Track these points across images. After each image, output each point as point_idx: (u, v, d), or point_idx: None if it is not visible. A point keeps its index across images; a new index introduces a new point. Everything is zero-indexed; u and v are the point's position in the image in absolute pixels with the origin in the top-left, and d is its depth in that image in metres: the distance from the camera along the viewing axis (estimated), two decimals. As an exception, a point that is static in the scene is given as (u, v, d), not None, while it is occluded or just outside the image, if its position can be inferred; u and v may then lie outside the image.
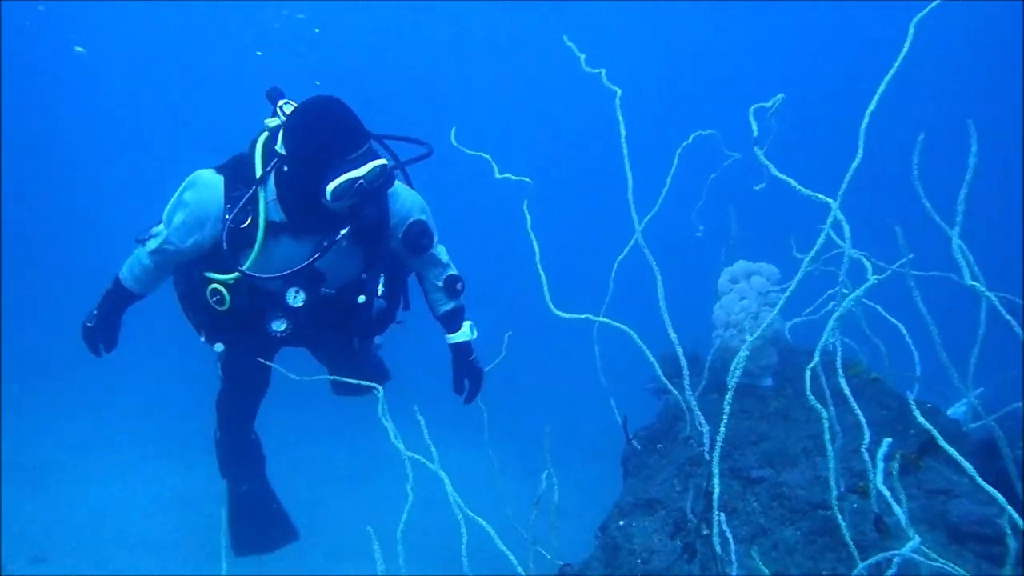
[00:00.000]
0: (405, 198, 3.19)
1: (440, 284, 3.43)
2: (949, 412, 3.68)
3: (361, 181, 2.68)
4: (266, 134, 2.94)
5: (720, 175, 3.92)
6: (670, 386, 3.18)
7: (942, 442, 2.18)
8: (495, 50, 21.26)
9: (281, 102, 2.95)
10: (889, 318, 3.58)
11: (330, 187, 2.65)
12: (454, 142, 3.66)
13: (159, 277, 3.18)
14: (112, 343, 3.33)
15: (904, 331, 3.55)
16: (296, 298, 3.01)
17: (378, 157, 2.77)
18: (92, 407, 8.37)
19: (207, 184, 2.90)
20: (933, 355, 3.19)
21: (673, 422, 3.75)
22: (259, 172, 2.84)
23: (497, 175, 3.56)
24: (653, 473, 3.33)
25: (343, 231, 2.81)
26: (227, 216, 2.80)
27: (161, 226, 3.00)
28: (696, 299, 4.27)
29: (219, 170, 2.94)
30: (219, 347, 3.27)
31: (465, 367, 3.47)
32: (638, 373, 4.01)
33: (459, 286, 3.44)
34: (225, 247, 2.80)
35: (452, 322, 3.46)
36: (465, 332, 3.45)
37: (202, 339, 3.24)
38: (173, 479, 6.89)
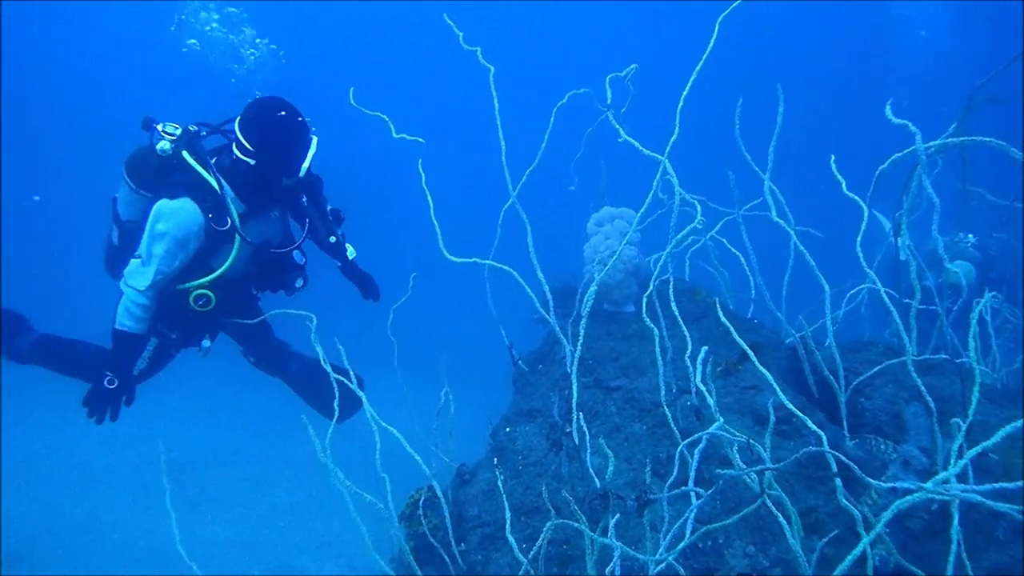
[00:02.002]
0: None
1: (329, 217, 3.74)
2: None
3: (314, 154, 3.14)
4: (187, 153, 3.18)
5: (593, 132, 4.39)
6: (547, 316, 3.69)
7: (749, 352, 2.71)
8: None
9: (158, 126, 3.22)
10: (732, 250, 4.18)
11: (304, 166, 3.11)
12: (352, 102, 4.01)
13: (152, 310, 3.21)
14: (132, 397, 3.34)
15: (743, 261, 4.16)
16: (299, 256, 3.45)
17: (312, 133, 3.17)
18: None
19: (179, 209, 3.09)
20: (777, 282, 3.78)
21: (553, 346, 4.28)
22: (216, 184, 3.14)
23: (394, 135, 3.94)
24: (534, 388, 3.86)
25: (303, 198, 3.31)
26: (213, 225, 3.11)
27: (139, 265, 3.12)
28: (573, 241, 4.80)
29: (173, 196, 3.12)
30: (206, 343, 3.53)
31: (360, 276, 3.83)
32: (526, 307, 4.52)
33: (341, 215, 3.77)
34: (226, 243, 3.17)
35: (339, 249, 3.75)
36: (352, 251, 3.79)
37: (199, 347, 3.52)
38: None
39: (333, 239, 3.69)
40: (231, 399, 8.37)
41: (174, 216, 3.09)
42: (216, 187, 3.14)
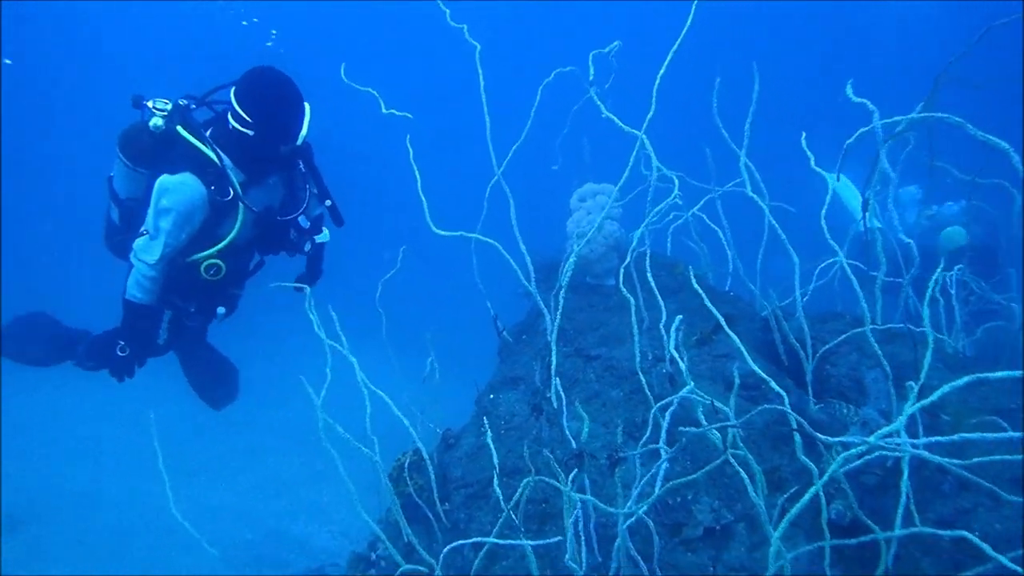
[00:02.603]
0: None
1: (315, 191, 3.77)
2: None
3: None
4: (182, 127, 3.24)
5: (578, 110, 4.49)
6: (531, 288, 3.81)
7: (722, 322, 2.83)
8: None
9: (148, 103, 3.28)
10: (712, 225, 4.31)
11: (302, 134, 3.19)
12: (344, 78, 4.10)
13: (160, 283, 3.32)
14: (144, 360, 3.50)
15: (722, 237, 4.29)
16: (304, 220, 3.56)
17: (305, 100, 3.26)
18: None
19: (182, 183, 3.16)
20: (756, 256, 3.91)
21: (536, 317, 4.40)
22: (212, 155, 3.20)
23: (384, 110, 4.04)
24: (518, 358, 3.99)
25: (300, 164, 3.43)
26: (217, 197, 3.18)
27: (146, 240, 3.19)
28: (558, 216, 4.91)
29: (173, 171, 3.19)
30: (221, 310, 3.61)
31: (316, 265, 3.91)
32: (513, 280, 4.65)
33: (328, 192, 3.86)
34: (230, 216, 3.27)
35: (317, 225, 3.80)
36: (325, 235, 3.84)
37: (216, 316, 3.61)
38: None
39: (326, 207, 3.74)
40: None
41: (177, 191, 3.16)
42: (215, 159, 3.21)
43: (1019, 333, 3.65)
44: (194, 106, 3.40)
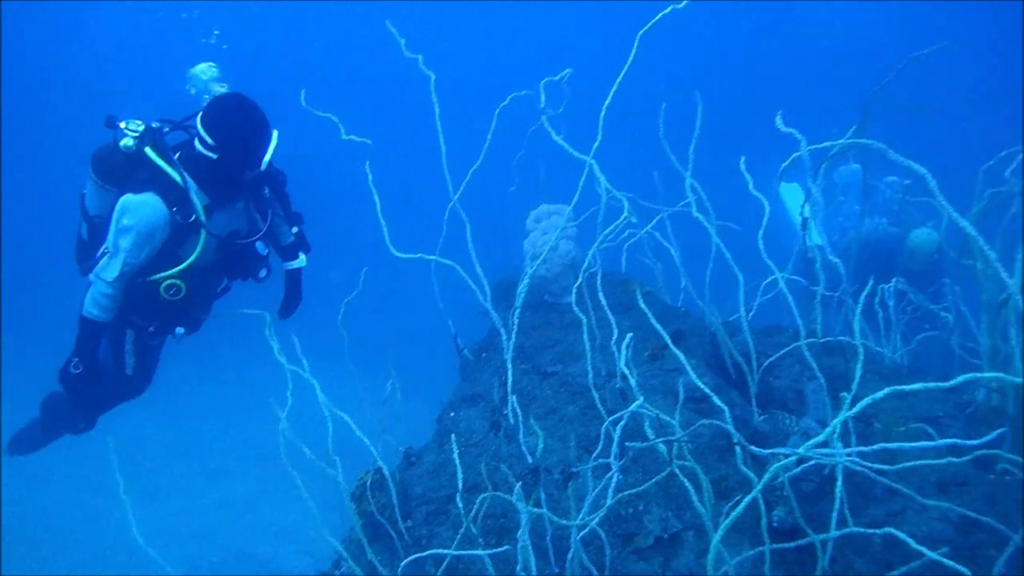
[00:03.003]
0: None
1: (294, 217, 3.91)
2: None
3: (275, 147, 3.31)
4: (150, 148, 3.31)
5: (533, 133, 4.61)
6: (488, 308, 3.92)
7: (667, 339, 2.96)
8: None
9: (122, 124, 3.35)
10: (664, 243, 4.46)
11: (266, 160, 3.26)
12: (303, 103, 4.18)
13: (119, 301, 3.35)
14: (98, 377, 3.47)
15: (673, 254, 4.44)
16: (263, 247, 3.60)
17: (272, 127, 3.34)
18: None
19: (144, 203, 3.21)
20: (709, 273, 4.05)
21: (497, 335, 4.50)
22: (177, 177, 3.26)
23: (343, 136, 4.12)
24: (478, 375, 4.09)
25: (266, 190, 3.51)
26: (179, 218, 3.23)
27: (106, 258, 3.26)
28: (519, 235, 5.03)
29: (138, 191, 3.24)
30: (180, 330, 3.59)
31: (292, 288, 4.00)
32: (475, 300, 4.75)
33: (301, 218, 3.95)
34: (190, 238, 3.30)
35: (292, 251, 3.95)
36: (301, 260, 3.97)
37: (174, 334, 3.58)
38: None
39: (294, 234, 3.86)
40: (182, 393, 8.44)
41: (139, 210, 3.21)
42: (179, 181, 3.27)
43: (951, 342, 3.84)
44: (167, 129, 3.46)
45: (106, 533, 5.61)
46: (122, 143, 3.31)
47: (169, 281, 3.34)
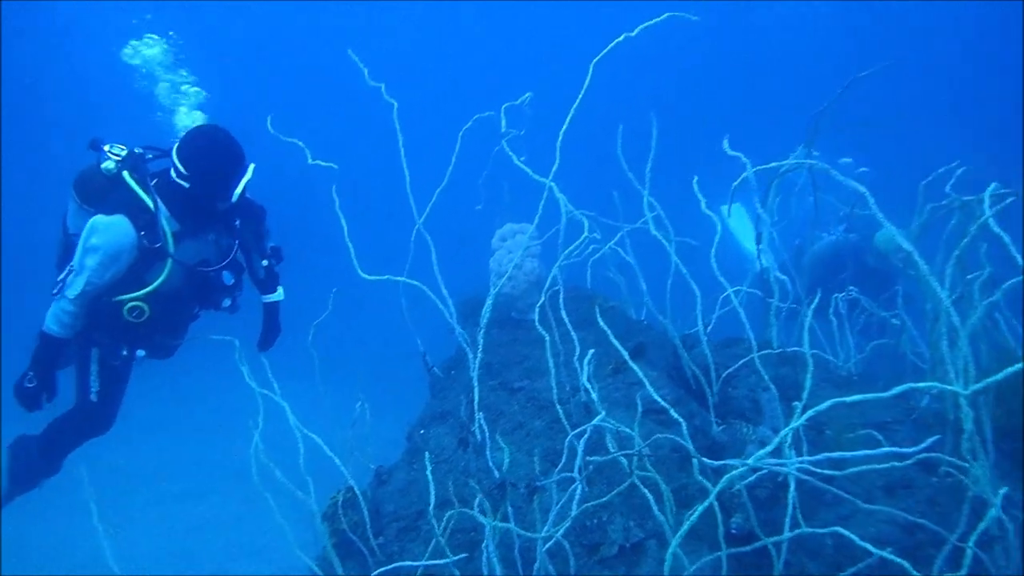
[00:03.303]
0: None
1: (267, 251, 4.00)
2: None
3: (249, 181, 3.37)
4: (128, 173, 3.38)
5: (499, 152, 4.71)
6: (456, 326, 3.99)
7: (624, 354, 3.05)
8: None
9: (107, 147, 3.42)
10: (627, 259, 4.56)
11: (237, 191, 3.32)
12: (270, 128, 4.25)
13: (80, 318, 3.37)
14: (54, 393, 3.45)
15: (636, 269, 4.55)
16: (229, 277, 3.61)
17: (249, 161, 3.40)
18: None
19: (112, 225, 3.27)
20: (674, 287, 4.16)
21: (464, 353, 4.58)
22: (151, 203, 3.33)
23: (310, 161, 4.20)
24: (447, 392, 4.16)
25: (237, 222, 3.53)
26: (146, 242, 3.27)
27: (71, 276, 3.29)
28: (486, 253, 5.12)
29: (110, 212, 3.30)
30: (140, 353, 3.59)
31: (267, 322, 4.06)
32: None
33: (280, 254, 4.05)
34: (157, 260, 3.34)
35: (270, 284, 4.01)
36: (278, 294, 4.04)
37: (124, 353, 3.55)
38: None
39: (265, 266, 3.91)
40: (154, 414, 8.40)
41: (107, 231, 3.27)
42: (151, 206, 3.34)
43: (901, 349, 3.99)
44: (151, 156, 3.54)
45: (76, 558, 5.57)
46: (103, 165, 3.39)
47: (133, 303, 3.39)
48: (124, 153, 3.44)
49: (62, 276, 3.36)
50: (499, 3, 20.70)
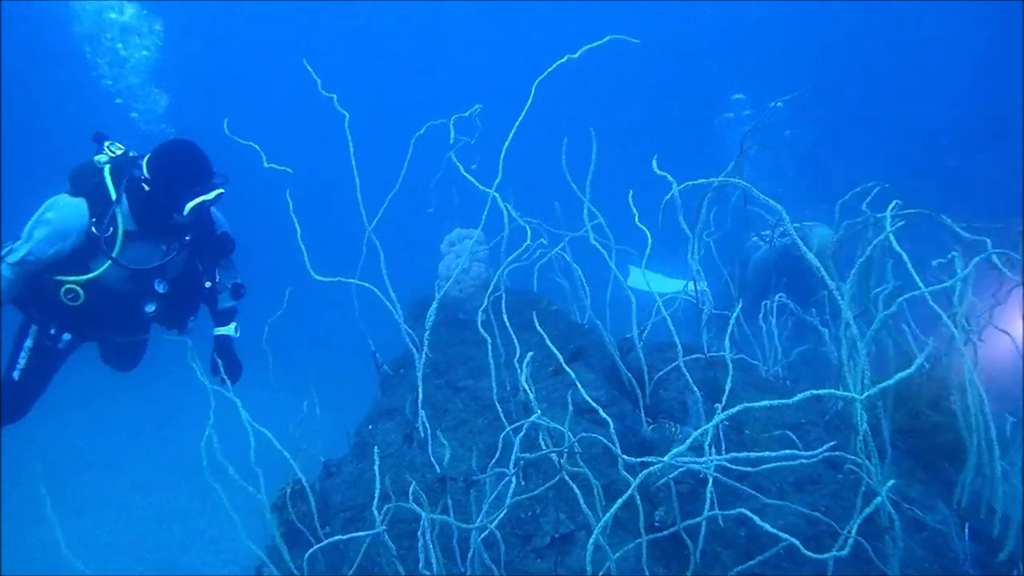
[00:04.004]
0: (217, 215, 3.93)
1: (228, 285, 4.08)
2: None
3: (208, 202, 3.40)
4: (109, 166, 3.46)
5: (448, 160, 4.83)
6: (404, 327, 4.11)
7: (560, 358, 3.20)
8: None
9: (107, 143, 3.53)
10: (573, 265, 4.72)
11: (188, 206, 3.35)
12: (227, 131, 4.30)
13: (17, 286, 3.40)
14: None
15: (580, 274, 4.70)
16: (160, 285, 3.64)
17: (218, 186, 3.45)
18: None
19: (70, 205, 3.38)
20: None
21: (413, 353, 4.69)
22: (113, 195, 3.40)
23: (265, 164, 4.26)
24: (395, 390, 4.27)
25: (187, 237, 3.56)
26: (93, 229, 3.32)
27: (20, 243, 3.35)
28: (435, 257, 5.24)
29: (74, 194, 3.43)
30: (67, 336, 3.64)
31: (226, 356, 4.05)
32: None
33: (242, 291, 4.11)
34: (102, 247, 3.36)
35: (225, 318, 4.08)
36: (231, 329, 4.08)
37: (52, 332, 3.62)
38: None
39: (208, 285, 3.88)
40: (105, 405, 8.34)
41: (63, 209, 3.38)
42: (112, 198, 3.41)
43: (824, 353, 4.21)
44: (142, 162, 3.54)
45: (29, 547, 5.55)
46: (96, 158, 3.51)
47: (70, 285, 3.44)
48: (119, 152, 3.56)
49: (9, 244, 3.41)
50: (461, 3, 20.71)
